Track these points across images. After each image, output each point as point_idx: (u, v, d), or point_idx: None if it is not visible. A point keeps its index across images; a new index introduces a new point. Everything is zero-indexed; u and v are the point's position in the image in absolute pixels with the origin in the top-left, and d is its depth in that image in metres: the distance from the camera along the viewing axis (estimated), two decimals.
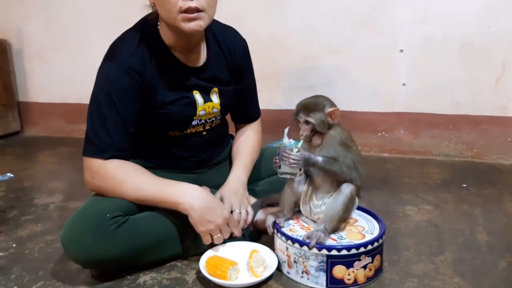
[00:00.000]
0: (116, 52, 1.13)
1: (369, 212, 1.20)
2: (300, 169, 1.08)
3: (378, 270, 1.08)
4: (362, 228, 1.12)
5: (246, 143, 1.38)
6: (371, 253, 1.03)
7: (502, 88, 1.96)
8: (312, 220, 1.15)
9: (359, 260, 1.02)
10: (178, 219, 1.13)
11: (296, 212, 1.20)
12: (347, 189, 1.07)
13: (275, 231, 1.12)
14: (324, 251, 1.01)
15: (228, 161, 1.42)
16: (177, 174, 1.29)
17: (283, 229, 1.11)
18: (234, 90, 1.31)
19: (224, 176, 1.32)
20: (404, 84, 2.08)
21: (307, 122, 1.07)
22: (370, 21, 2.06)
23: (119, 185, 1.09)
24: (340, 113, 1.07)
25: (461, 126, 2.06)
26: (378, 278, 1.07)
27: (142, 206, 1.13)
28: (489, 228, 1.36)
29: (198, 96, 1.21)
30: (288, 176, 1.10)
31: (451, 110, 2.06)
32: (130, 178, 1.10)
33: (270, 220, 1.16)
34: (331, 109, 1.06)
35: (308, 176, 1.14)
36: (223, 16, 1.31)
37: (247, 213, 1.19)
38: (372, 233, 1.09)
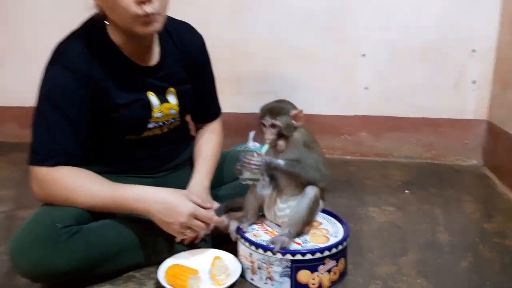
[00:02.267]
0: (60, 53, 1.06)
1: (333, 215, 1.19)
2: (262, 174, 1.06)
3: (343, 274, 1.07)
4: (327, 231, 1.11)
5: (207, 146, 1.34)
6: (335, 257, 1.02)
7: (459, 91, 2.02)
8: (277, 224, 1.13)
9: (324, 264, 1.01)
10: (136, 226, 1.08)
11: (260, 216, 1.17)
12: (311, 192, 1.05)
13: (239, 236, 1.09)
14: (288, 256, 0.99)
15: (189, 165, 1.37)
16: (137, 178, 1.23)
17: (247, 234, 1.08)
18: (192, 89, 1.27)
19: (185, 180, 1.27)
20: (366, 88, 2.11)
21: (273, 126, 1.04)
22: (334, 26, 2.07)
23: (71, 193, 1.03)
24: (304, 115, 1.06)
25: (421, 128, 2.10)
26: (342, 282, 1.06)
27: (97, 214, 1.07)
28: (449, 228, 1.38)
29: (153, 98, 1.16)
30: (251, 182, 1.07)
31: (412, 113, 2.10)
32: (82, 185, 1.04)
33: (233, 225, 1.13)
34: (296, 111, 1.05)
35: (271, 179, 1.12)
36: (188, 20, 1.28)
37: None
38: (336, 236, 1.08)
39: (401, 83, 2.07)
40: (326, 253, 1.00)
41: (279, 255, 0.99)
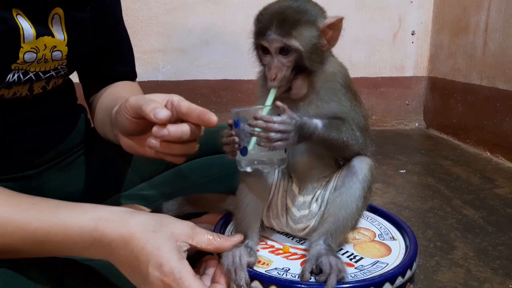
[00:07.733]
0: None
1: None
2: (285, 151, 0.55)
3: None
4: (372, 233, 0.66)
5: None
6: (413, 278, 0.59)
7: (398, 44, 1.78)
8: (282, 233, 0.64)
9: None
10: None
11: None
12: (363, 166, 0.59)
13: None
14: None
15: (84, 150, 0.83)
16: None
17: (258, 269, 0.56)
18: (91, 21, 0.71)
19: (79, 178, 0.79)
20: None
21: (286, 51, 0.55)
22: None
23: None
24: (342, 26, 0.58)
25: (359, 90, 1.80)
26: None
27: None
28: None
29: (24, 22, 0.60)
30: (264, 168, 0.55)
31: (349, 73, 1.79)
32: None
33: (242, 274, 0.53)
34: (329, 20, 0.56)
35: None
36: None
37: None
38: (393, 238, 0.65)
39: None
40: (408, 273, 0.56)
41: None
